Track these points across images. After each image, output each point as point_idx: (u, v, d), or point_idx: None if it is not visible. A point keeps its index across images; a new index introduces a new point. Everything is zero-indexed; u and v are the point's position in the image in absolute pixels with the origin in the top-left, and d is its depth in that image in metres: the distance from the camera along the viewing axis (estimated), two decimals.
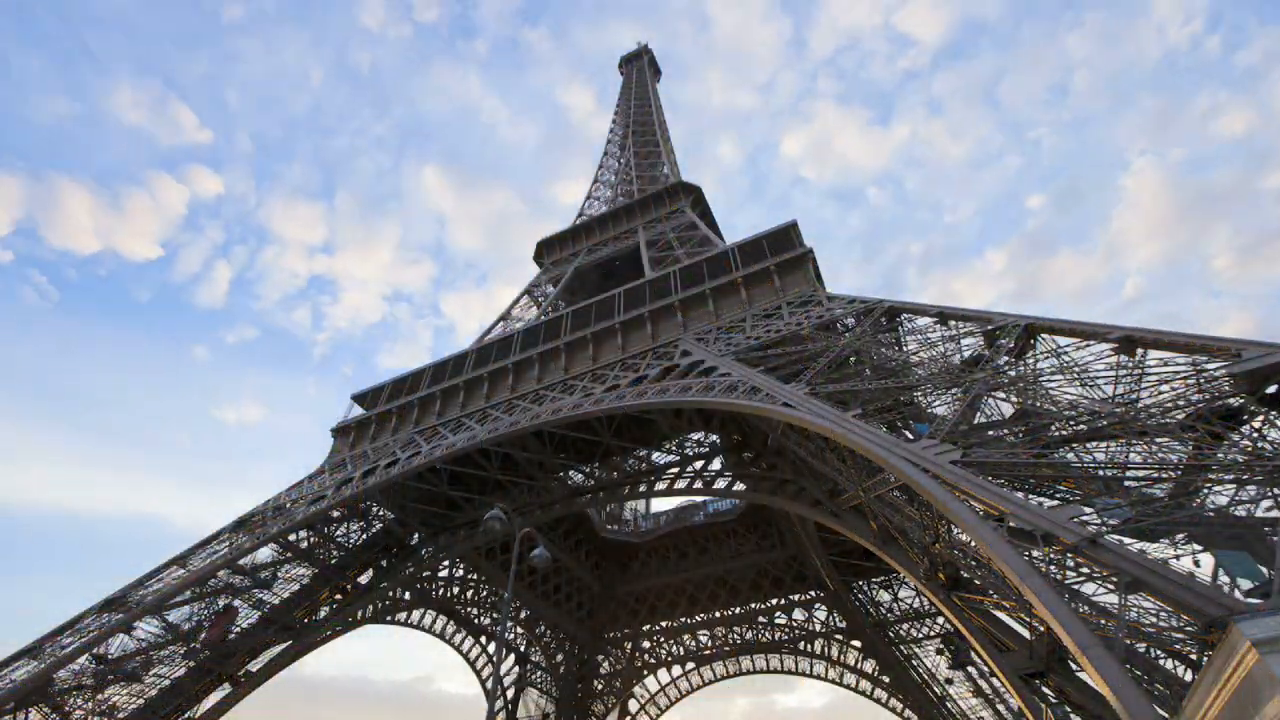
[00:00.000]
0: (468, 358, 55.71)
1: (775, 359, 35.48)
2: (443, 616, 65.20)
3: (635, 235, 72.86)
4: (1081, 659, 13.67)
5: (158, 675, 40.94)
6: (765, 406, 28.97)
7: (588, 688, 77.76)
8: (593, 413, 39.09)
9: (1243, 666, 10.09)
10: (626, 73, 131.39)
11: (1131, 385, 22.04)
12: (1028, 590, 15.35)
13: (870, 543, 31.90)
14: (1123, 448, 19.84)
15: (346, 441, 56.78)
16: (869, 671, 67.33)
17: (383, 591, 52.83)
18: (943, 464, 20.29)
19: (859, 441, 23.80)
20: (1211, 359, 20.11)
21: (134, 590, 42.02)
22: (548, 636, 75.62)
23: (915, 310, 34.89)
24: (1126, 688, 12.80)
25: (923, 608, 64.04)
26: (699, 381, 35.14)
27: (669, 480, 49.83)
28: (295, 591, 48.13)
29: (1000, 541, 16.78)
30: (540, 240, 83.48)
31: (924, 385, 28.04)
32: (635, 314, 48.52)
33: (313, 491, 47.75)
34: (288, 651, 46.23)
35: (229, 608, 43.09)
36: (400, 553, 54.50)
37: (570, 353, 49.90)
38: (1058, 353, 25.70)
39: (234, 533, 46.48)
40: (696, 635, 77.60)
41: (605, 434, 47.25)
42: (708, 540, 76.92)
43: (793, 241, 47.11)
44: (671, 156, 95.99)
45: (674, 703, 77.78)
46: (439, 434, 49.12)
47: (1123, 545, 15.01)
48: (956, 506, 18.79)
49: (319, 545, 49.25)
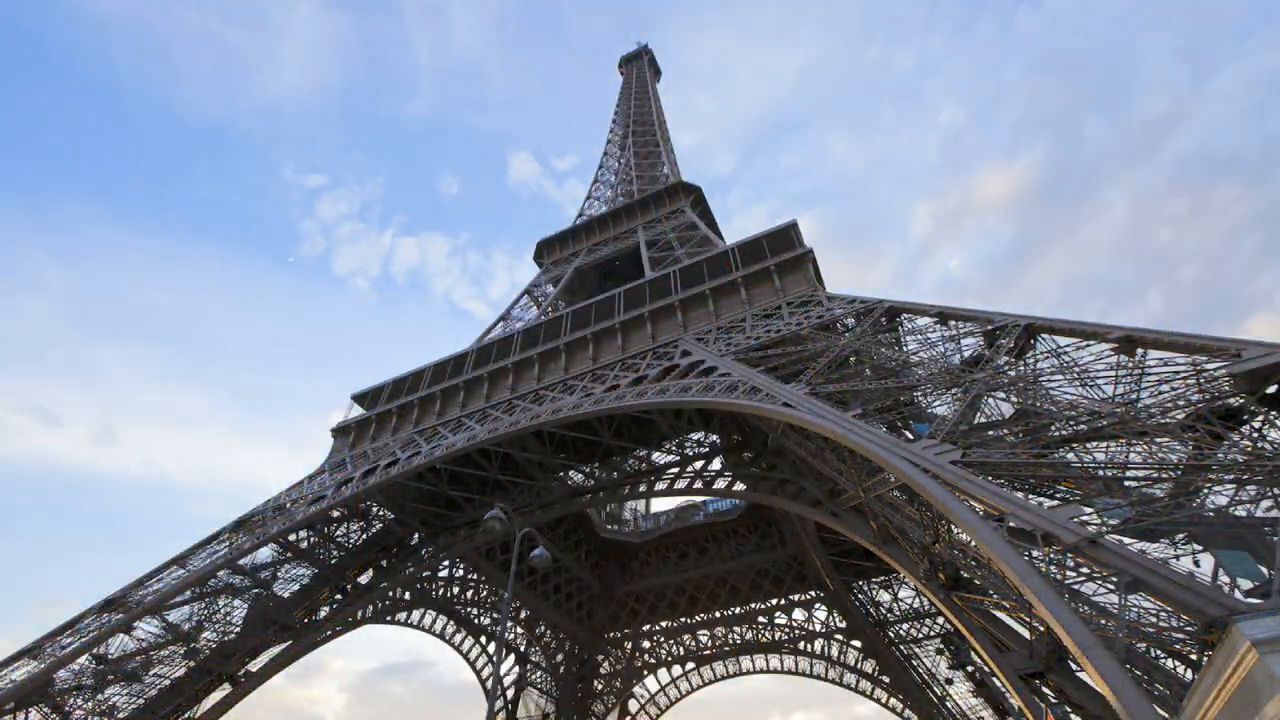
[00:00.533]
0: (468, 358, 55.70)
1: (775, 359, 35.47)
2: (443, 616, 65.24)
3: (635, 235, 72.84)
4: (1081, 659, 13.67)
5: (158, 675, 40.94)
6: (765, 406, 28.97)
7: (588, 688, 77.76)
8: (593, 413, 39.08)
9: (1243, 666, 10.09)
10: (626, 73, 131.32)
11: (1131, 385, 22.02)
12: (1028, 590, 15.35)
13: (870, 543, 31.91)
14: (1123, 448, 19.83)
15: (346, 441, 56.77)
16: (869, 671, 67.33)
17: (383, 591, 52.84)
18: (943, 464, 20.29)
19: (859, 441, 23.80)
20: (1211, 359, 20.10)
21: (134, 590, 42.01)
22: (548, 636, 75.62)
23: (915, 310, 34.87)
24: (1126, 688, 12.81)
25: (923, 608, 64.02)
26: (699, 381, 35.14)
27: (669, 480, 49.84)
28: (295, 591, 48.15)
29: (1000, 541, 16.78)
30: (540, 240, 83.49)
31: (924, 385, 28.03)
32: (635, 314, 48.52)
33: (313, 491, 47.75)
34: (288, 651, 46.24)
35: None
36: (400, 553, 54.50)
37: (570, 353, 49.89)
38: (1058, 353, 25.69)
39: (234, 533, 46.46)
40: (696, 635, 77.58)
41: (605, 434, 47.27)
42: (708, 540, 76.92)
43: (793, 241, 47.09)
44: (671, 156, 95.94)
45: (674, 703, 77.77)
46: (439, 434, 49.11)
47: (1123, 545, 15.01)
48: (956, 506, 18.79)
49: (319, 545, 49.28)
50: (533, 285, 75.55)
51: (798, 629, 72.49)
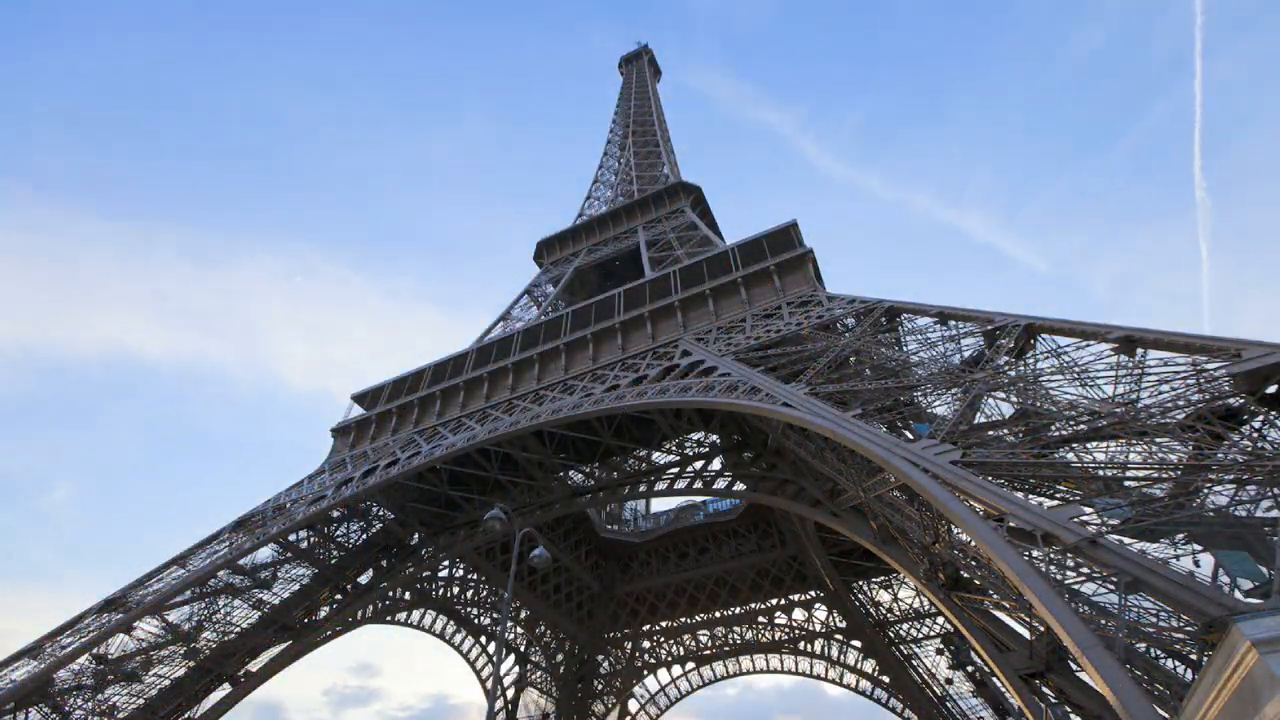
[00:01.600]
0: (467, 358, 55.70)
1: (775, 359, 35.47)
2: (443, 616, 65.26)
3: (635, 235, 72.87)
4: (1081, 659, 13.67)
5: (158, 675, 40.96)
6: (765, 406, 28.97)
7: (588, 688, 77.72)
8: (593, 413, 39.07)
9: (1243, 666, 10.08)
10: (626, 73, 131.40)
11: (1131, 385, 21.99)
12: (1028, 590, 15.35)
13: (870, 543, 31.91)
14: (1123, 448, 19.80)
15: (346, 441, 56.77)
16: (869, 671, 67.31)
17: (383, 591, 52.83)
18: (943, 464, 20.29)
19: (859, 441, 23.80)
20: (1211, 359, 20.08)
21: (134, 590, 42.04)
22: (548, 636, 75.60)
23: (915, 310, 34.85)
24: (1126, 688, 12.80)
25: (923, 608, 64.02)
26: (699, 381, 35.15)
27: (669, 480, 49.79)
28: (295, 591, 48.15)
29: (1000, 541, 16.78)
30: (540, 240, 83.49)
31: (924, 385, 28.02)
32: (635, 314, 48.51)
33: (313, 491, 47.74)
34: (288, 651, 46.26)
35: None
36: (400, 553, 54.48)
37: (570, 353, 49.88)
38: (1058, 353, 25.67)
39: (234, 533, 46.47)
40: (696, 635, 77.54)
41: (605, 434, 47.27)
42: (708, 540, 76.87)
43: (793, 241, 47.09)
44: (671, 156, 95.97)
45: (674, 703, 77.75)
46: (439, 434, 49.10)
47: (1123, 545, 15.00)
48: (956, 506, 18.79)
49: (319, 545, 49.29)
50: (533, 285, 75.55)
51: (798, 629, 72.45)
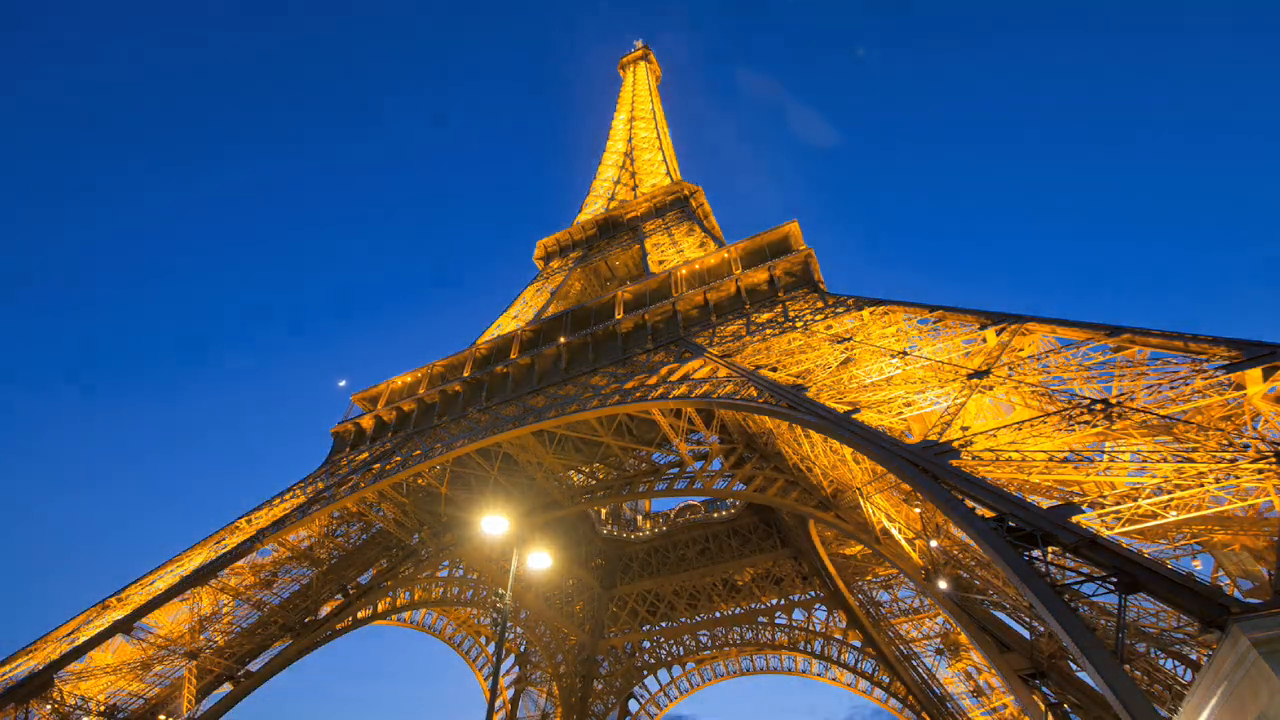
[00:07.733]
0: (468, 359, 55.69)
1: (775, 359, 35.43)
2: (443, 616, 65.27)
3: (635, 235, 72.86)
4: (1081, 659, 13.67)
5: (158, 675, 40.94)
6: (766, 407, 28.96)
7: (588, 688, 77.67)
8: (593, 413, 39.08)
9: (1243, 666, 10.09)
10: (627, 73, 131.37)
11: (1130, 384, 22.02)
12: (1027, 591, 15.34)
13: (870, 543, 31.91)
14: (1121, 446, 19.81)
15: (347, 442, 56.76)
16: (869, 671, 67.23)
17: (383, 591, 52.79)
18: (942, 464, 20.29)
19: (859, 442, 23.79)
20: (1211, 359, 20.10)
21: (134, 590, 42.04)
22: (548, 636, 75.59)
23: (915, 309, 34.86)
24: (1126, 688, 12.80)
25: (923, 608, 64.02)
26: (699, 382, 35.14)
27: (669, 480, 49.77)
28: (295, 591, 48.11)
29: (1000, 541, 16.77)
30: (541, 241, 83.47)
31: (923, 385, 28.00)
32: (635, 315, 48.49)
33: (313, 491, 47.73)
34: (288, 651, 46.20)
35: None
36: (400, 553, 54.46)
37: (570, 354, 49.87)
38: (1057, 351, 25.69)
39: (234, 533, 46.47)
40: (696, 635, 77.47)
41: (605, 434, 47.24)
42: (708, 540, 76.84)
43: (793, 242, 47.09)
44: (671, 156, 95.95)
45: (674, 702, 77.71)
46: (439, 434, 49.09)
47: (1122, 545, 15.01)
48: (956, 506, 18.79)
49: (319, 545, 49.23)
50: (533, 285, 75.48)
51: (798, 629, 72.35)
